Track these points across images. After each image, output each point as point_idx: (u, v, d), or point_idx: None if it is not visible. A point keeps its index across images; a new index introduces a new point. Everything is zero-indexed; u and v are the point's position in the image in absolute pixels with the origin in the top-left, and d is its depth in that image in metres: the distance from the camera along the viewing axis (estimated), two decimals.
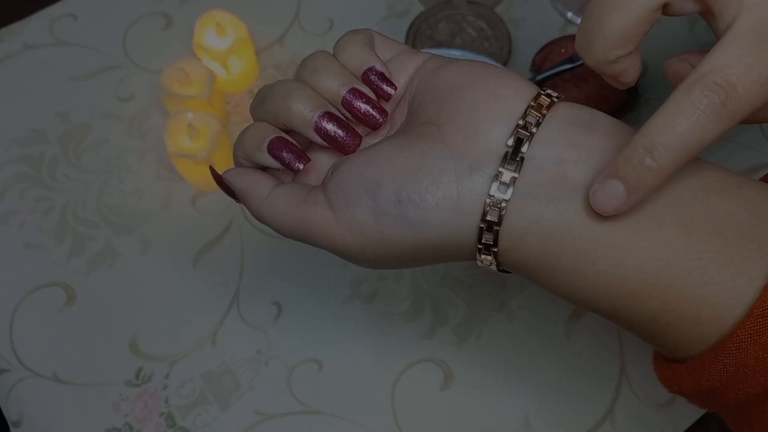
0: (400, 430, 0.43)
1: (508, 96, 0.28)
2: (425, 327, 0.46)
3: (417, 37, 0.55)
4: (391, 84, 0.30)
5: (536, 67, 0.53)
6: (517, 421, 0.43)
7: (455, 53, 0.51)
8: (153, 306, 0.47)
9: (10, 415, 0.44)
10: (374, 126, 0.30)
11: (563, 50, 0.53)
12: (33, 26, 0.57)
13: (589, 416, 0.43)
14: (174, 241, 0.49)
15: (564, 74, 0.50)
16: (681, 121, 0.24)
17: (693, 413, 0.43)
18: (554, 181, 0.26)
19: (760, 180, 0.28)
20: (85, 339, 0.46)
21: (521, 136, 0.27)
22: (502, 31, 0.54)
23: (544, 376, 0.44)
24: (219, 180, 0.31)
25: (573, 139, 0.27)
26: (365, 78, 0.30)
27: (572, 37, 0.53)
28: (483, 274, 0.47)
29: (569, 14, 0.56)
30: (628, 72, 0.28)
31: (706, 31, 0.54)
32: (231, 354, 0.45)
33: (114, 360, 0.45)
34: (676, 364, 0.27)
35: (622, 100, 0.51)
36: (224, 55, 0.51)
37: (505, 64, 0.53)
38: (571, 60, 0.50)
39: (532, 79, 0.50)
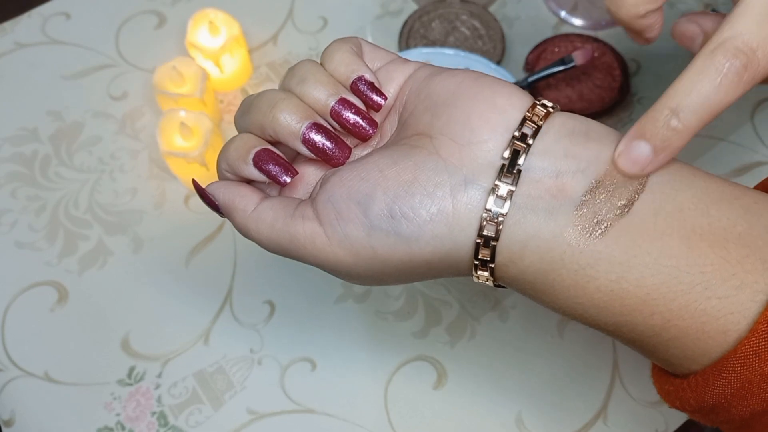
0: (392, 428, 0.43)
1: (503, 106, 0.27)
2: (418, 326, 0.46)
3: (410, 35, 0.55)
4: (380, 94, 0.29)
5: (529, 66, 0.53)
6: (509, 419, 0.43)
7: (448, 52, 0.51)
8: (145, 305, 0.47)
9: (1, 415, 0.44)
10: (364, 137, 0.29)
11: (556, 49, 0.53)
12: (25, 24, 0.57)
13: (581, 414, 0.43)
14: (166, 240, 0.49)
15: (557, 74, 0.50)
16: (705, 84, 0.25)
17: None
18: (552, 193, 0.26)
19: (756, 187, 0.28)
20: (77, 338, 0.46)
21: (517, 147, 0.26)
22: (495, 29, 0.54)
23: (537, 375, 0.44)
24: (202, 193, 0.30)
25: (570, 149, 0.26)
26: (354, 88, 0.29)
27: (566, 37, 0.53)
28: None
29: (563, 13, 0.56)
30: (653, 27, 0.31)
31: None
32: (224, 353, 0.45)
33: (106, 359, 0.45)
34: (676, 378, 0.27)
35: (616, 99, 0.51)
36: (217, 53, 0.51)
37: (498, 62, 0.53)
38: (563, 62, 0.50)
39: (525, 79, 0.50)
